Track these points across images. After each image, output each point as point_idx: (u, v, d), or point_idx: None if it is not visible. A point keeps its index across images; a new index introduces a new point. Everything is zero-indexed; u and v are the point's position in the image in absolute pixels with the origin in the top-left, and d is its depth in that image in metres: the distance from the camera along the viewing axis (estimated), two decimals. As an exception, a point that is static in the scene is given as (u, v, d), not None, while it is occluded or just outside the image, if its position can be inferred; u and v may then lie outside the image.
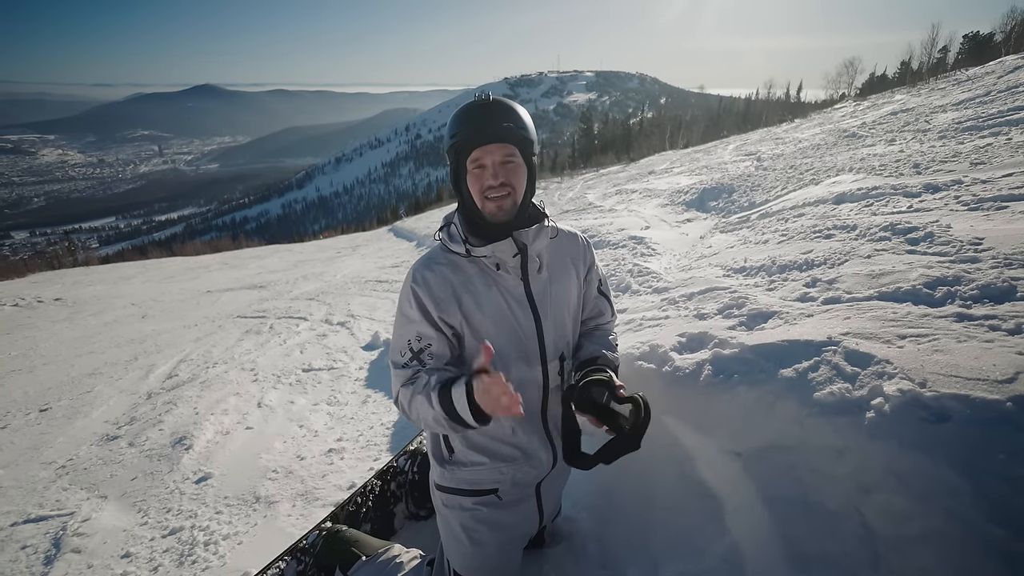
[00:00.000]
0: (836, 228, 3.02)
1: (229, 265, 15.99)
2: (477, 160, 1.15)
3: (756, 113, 43.83)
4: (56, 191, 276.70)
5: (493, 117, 1.14)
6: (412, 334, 1.21)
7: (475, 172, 1.16)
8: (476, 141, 1.14)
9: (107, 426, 3.62)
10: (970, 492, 1.09)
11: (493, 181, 1.15)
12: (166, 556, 2.13)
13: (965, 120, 5.99)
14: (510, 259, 1.20)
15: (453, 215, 1.28)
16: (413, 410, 1.18)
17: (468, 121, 1.16)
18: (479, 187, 1.16)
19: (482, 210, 1.19)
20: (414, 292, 1.22)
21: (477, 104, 1.17)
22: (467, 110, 1.18)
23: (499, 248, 1.19)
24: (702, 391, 1.73)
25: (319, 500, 2.40)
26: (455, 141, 1.17)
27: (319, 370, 4.27)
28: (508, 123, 1.14)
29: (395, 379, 1.23)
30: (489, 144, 1.14)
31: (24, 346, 6.57)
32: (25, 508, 2.63)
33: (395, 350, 1.24)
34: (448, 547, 1.39)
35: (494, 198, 1.16)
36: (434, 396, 1.12)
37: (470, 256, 1.21)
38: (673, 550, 1.57)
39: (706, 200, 6.24)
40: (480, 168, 1.16)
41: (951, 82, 13.88)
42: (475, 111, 1.16)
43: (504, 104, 1.18)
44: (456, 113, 1.20)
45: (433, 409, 1.12)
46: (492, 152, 1.14)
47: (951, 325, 1.58)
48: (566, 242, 1.35)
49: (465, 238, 1.21)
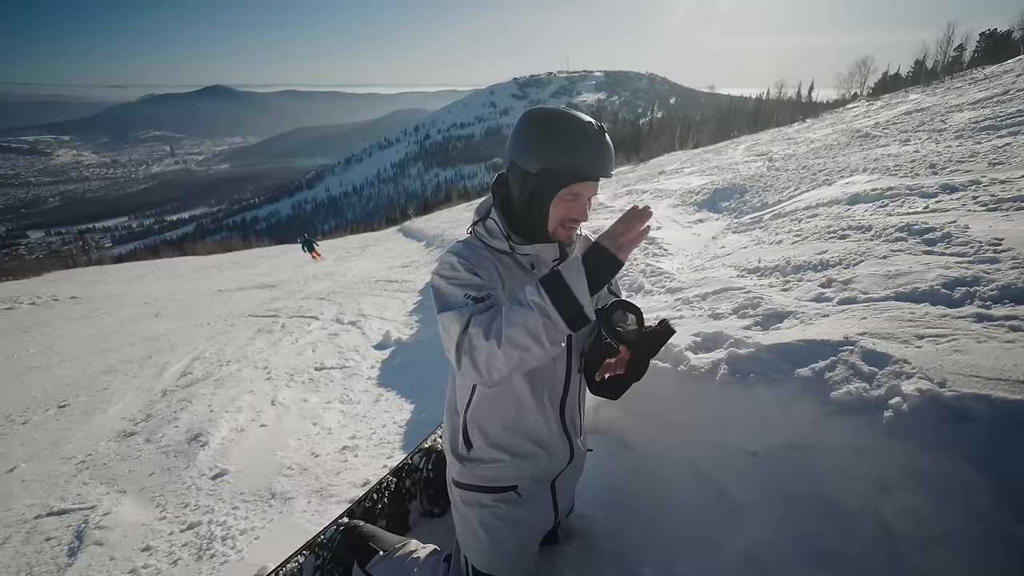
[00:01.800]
0: (851, 229, 3.00)
1: (240, 264, 16.16)
2: (577, 192, 1.11)
3: (767, 113, 43.52)
4: (71, 191, 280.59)
5: (610, 157, 1.10)
6: (469, 288, 1.09)
7: (567, 200, 1.12)
8: (592, 176, 1.10)
9: (124, 422, 3.68)
10: (992, 491, 1.09)
11: (582, 217, 1.15)
12: (185, 550, 2.16)
13: (982, 119, 5.92)
14: (549, 261, 1.22)
15: (489, 209, 1.22)
16: (493, 328, 0.98)
17: (590, 153, 1.08)
18: (564, 215, 1.14)
19: (553, 233, 1.17)
20: (461, 263, 1.13)
21: (595, 137, 1.08)
22: (589, 138, 1.07)
23: (544, 249, 1.19)
24: (718, 390, 1.73)
25: (334, 497, 2.42)
26: (571, 169, 1.08)
27: (331, 369, 4.31)
28: (613, 165, 1.12)
29: (456, 319, 1.04)
30: (594, 182, 1.13)
31: (42, 344, 6.69)
32: (48, 501, 2.68)
33: (449, 300, 1.08)
34: (466, 543, 1.40)
35: (570, 228, 1.16)
36: (530, 288, 0.99)
37: (510, 253, 1.21)
38: (688, 548, 1.57)
39: (718, 200, 6.21)
40: (574, 197, 1.12)
41: (967, 81, 13.70)
42: (595, 145, 1.07)
43: (609, 140, 1.11)
44: (567, 134, 1.07)
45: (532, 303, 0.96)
46: (593, 188, 1.13)
47: (970, 325, 1.57)
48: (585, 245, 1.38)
49: (508, 235, 1.19)
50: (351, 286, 8.46)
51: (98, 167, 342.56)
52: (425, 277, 8.13)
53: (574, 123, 1.07)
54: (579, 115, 1.09)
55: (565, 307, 0.95)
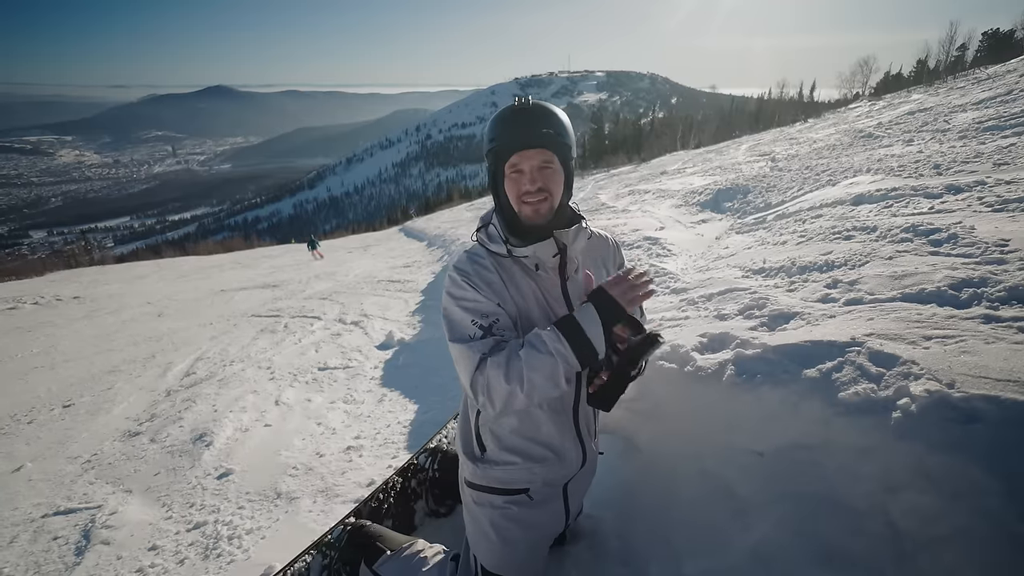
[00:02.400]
0: (856, 229, 3.01)
1: (242, 264, 16.18)
2: (515, 165, 1.15)
3: (769, 113, 43.47)
4: (73, 191, 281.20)
5: (532, 122, 1.14)
6: (474, 315, 1.14)
7: (513, 177, 1.17)
8: (515, 146, 1.14)
9: (129, 422, 3.69)
10: (1000, 491, 1.09)
11: (531, 187, 1.15)
12: (191, 549, 2.17)
13: (986, 119, 5.92)
14: (550, 259, 1.21)
15: (490, 215, 1.27)
16: (513, 372, 1.06)
17: (507, 126, 1.16)
18: (516, 192, 1.17)
19: (519, 214, 1.19)
20: (465, 281, 1.18)
21: (516, 109, 1.16)
22: (506, 115, 1.17)
23: (540, 248, 1.19)
24: (725, 391, 1.73)
25: (339, 496, 2.43)
26: (494, 146, 1.17)
27: (334, 369, 4.31)
28: (547, 129, 1.14)
29: (469, 355, 1.11)
30: (527, 150, 1.14)
31: (45, 343, 6.70)
32: (54, 500, 2.69)
33: (459, 330, 1.15)
34: (476, 544, 1.40)
35: (531, 202, 1.17)
36: (549, 335, 1.07)
37: (510, 256, 1.21)
38: (695, 547, 1.57)
39: (721, 201, 6.21)
40: (518, 173, 1.16)
41: (970, 80, 13.68)
42: (514, 116, 1.16)
43: (543, 109, 1.17)
44: (495, 117, 1.19)
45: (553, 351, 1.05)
46: (531, 157, 1.15)
47: (978, 326, 1.57)
48: (598, 243, 1.38)
49: (506, 238, 1.21)
50: (353, 286, 8.47)
51: (100, 167, 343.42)
52: (427, 277, 8.14)
53: (507, 106, 1.19)
54: (520, 98, 1.19)
55: (583, 354, 1.06)
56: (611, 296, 1.08)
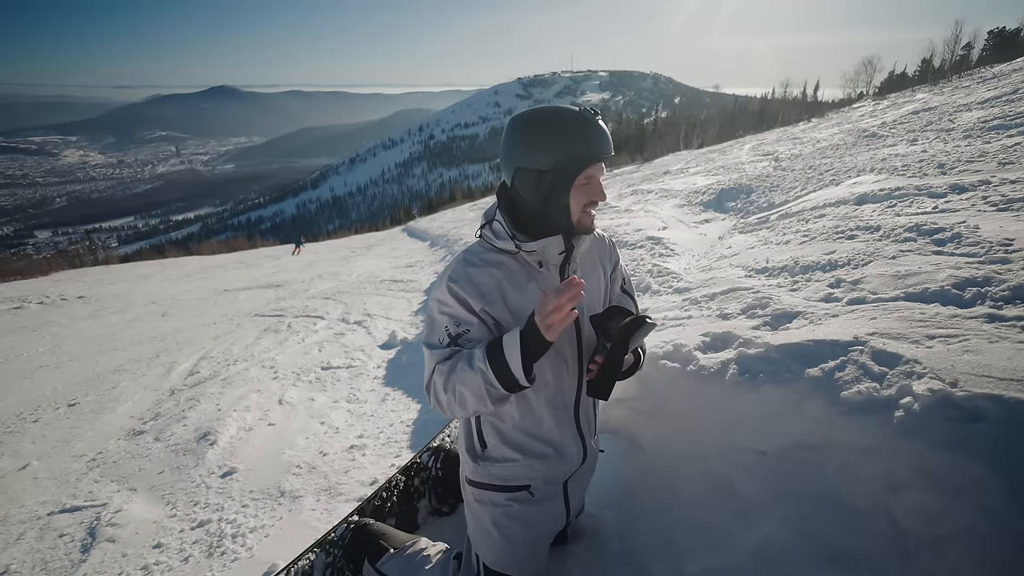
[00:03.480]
0: (859, 229, 3.00)
1: (245, 264, 16.24)
2: (591, 175, 1.15)
3: (772, 112, 43.34)
4: (77, 191, 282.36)
5: (606, 134, 1.15)
6: (449, 320, 1.18)
7: (583, 186, 1.16)
8: (596, 157, 1.14)
9: (133, 421, 3.71)
10: (1003, 489, 1.09)
11: (601, 197, 1.17)
12: (196, 547, 2.18)
13: (991, 119, 5.89)
14: (555, 256, 1.22)
15: (494, 212, 1.27)
16: (450, 384, 1.13)
17: (587, 136, 1.13)
18: (585, 201, 1.17)
19: (576, 223, 1.19)
20: (453, 289, 1.19)
21: (591, 120, 1.14)
22: (587, 123, 1.13)
23: (548, 244, 1.20)
24: (727, 390, 1.73)
25: (342, 495, 2.43)
26: (574, 155, 1.13)
27: (338, 368, 4.33)
28: (611, 143, 1.17)
29: (429, 360, 1.19)
30: (603, 160, 1.16)
31: (50, 343, 6.74)
32: (60, 498, 2.71)
33: (431, 335, 1.21)
34: (478, 542, 1.40)
35: (592, 213, 1.19)
36: (478, 353, 1.09)
37: (517, 252, 1.22)
38: (697, 547, 1.57)
39: (724, 200, 6.20)
40: (590, 182, 1.16)
41: (975, 79, 13.62)
42: (593, 128, 1.14)
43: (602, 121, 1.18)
44: (563, 126, 1.13)
45: (477, 368, 1.08)
46: (602, 169, 1.17)
47: (982, 326, 1.57)
48: (597, 243, 1.39)
49: (512, 234, 1.21)
50: (356, 286, 8.50)
51: (104, 167, 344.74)
52: (430, 276, 8.16)
53: (569, 114, 1.14)
54: (566, 107, 1.16)
55: (503, 377, 1.07)
56: (533, 323, 1.03)
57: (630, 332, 1.13)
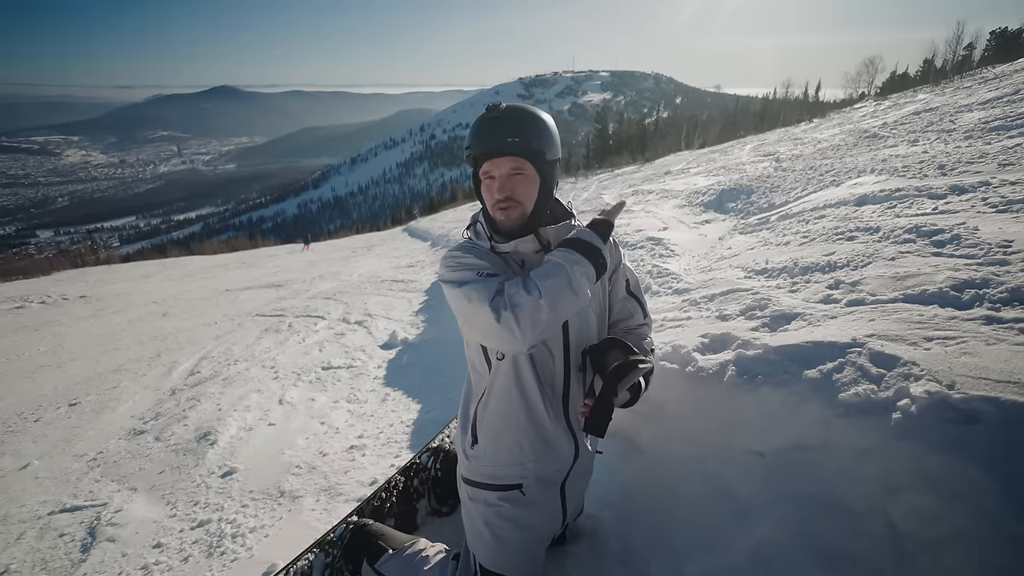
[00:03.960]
0: (858, 230, 3.00)
1: (246, 264, 16.25)
2: (487, 172, 1.20)
3: (773, 113, 43.24)
4: (79, 191, 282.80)
5: (501, 130, 1.16)
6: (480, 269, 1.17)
7: (486, 183, 1.22)
8: (485, 155, 1.18)
9: (134, 421, 3.71)
10: (1000, 492, 1.10)
11: (499, 195, 1.19)
12: (195, 547, 2.18)
13: (992, 120, 5.88)
14: (533, 255, 1.25)
15: (479, 214, 1.33)
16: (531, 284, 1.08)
17: (478, 133, 1.18)
18: (490, 198, 1.22)
19: (494, 218, 1.23)
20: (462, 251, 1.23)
21: (488, 116, 1.18)
22: (479, 122, 1.20)
23: (522, 243, 1.23)
24: (725, 392, 1.73)
25: (342, 495, 2.44)
26: (468, 153, 1.22)
27: (338, 368, 4.33)
28: (514, 137, 1.15)
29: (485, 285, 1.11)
30: (498, 158, 1.17)
31: (52, 342, 6.75)
32: (60, 498, 2.72)
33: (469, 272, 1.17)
34: (474, 542, 1.41)
35: (502, 209, 1.20)
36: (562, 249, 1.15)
37: (495, 252, 1.26)
38: (696, 548, 1.57)
39: (724, 201, 6.20)
40: (490, 180, 1.20)
41: (977, 80, 13.59)
42: (486, 124, 1.18)
43: (516, 115, 1.17)
44: (473, 123, 1.21)
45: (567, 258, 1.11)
46: (500, 165, 1.18)
47: (980, 328, 1.57)
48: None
49: (490, 235, 1.26)
50: (357, 286, 8.50)
51: (106, 167, 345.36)
52: (431, 276, 8.15)
53: (482, 114, 1.20)
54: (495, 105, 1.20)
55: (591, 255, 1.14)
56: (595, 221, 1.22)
57: (620, 376, 1.13)
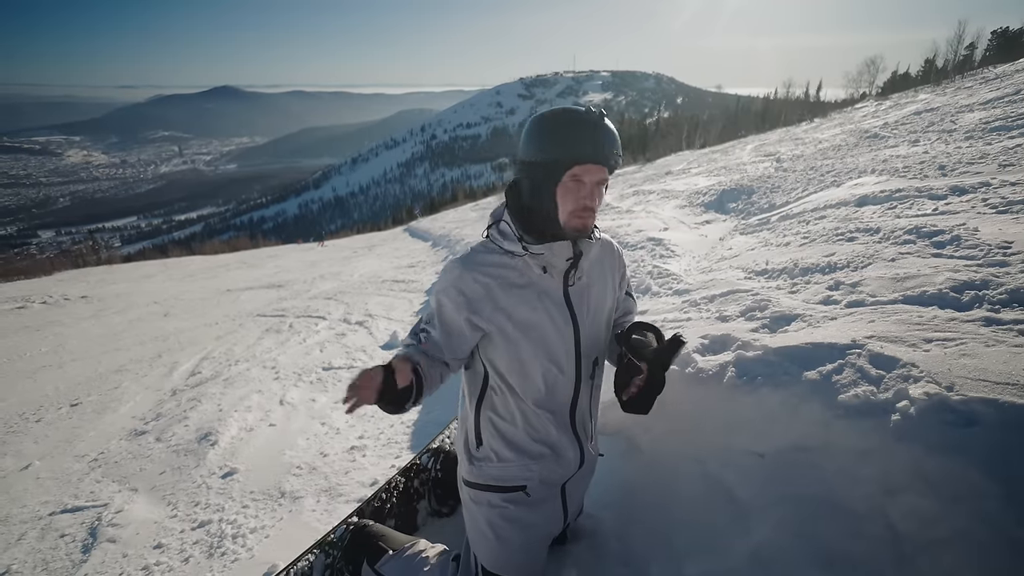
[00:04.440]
0: (859, 231, 3.00)
1: (247, 264, 16.25)
2: (578, 176, 1.12)
3: (775, 113, 43.20)
4: (80, 191, 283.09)
5: (609, 140, 1.11)
6: (427, 314, 1.31)
7: (570, 186, 1.13)
8: (587, 158, 1.10)
9: (135, 421, 3.72)
10: (999, 494, 1.10)
11: (590, 202, 1.14)
12: (196, 548, 2.19)
13: (993, 120, 5.88)
14: (562, 262, 1.20)
15: (502, 213, 1.25)
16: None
17: (582, 135, 1.10)
18: (573, 203, 1.14)
19: (565, 224, 1.16)
20: (441, 298, 1.25)
21: (592, 120, 1.11)
22: (581, 123, 1.11)
23: (556, 248, 1.18)
24: (725, 393, 1.74)
25: (343, 496, 2.44)
26: (563, 151, 1.11)
27: (339, 369, 4.34)
28: (618, 151, 1.13)
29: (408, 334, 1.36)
30: (596, 165, 1.12)
31: (53, 343, 6.76)
32: (61, 499, 2.72)
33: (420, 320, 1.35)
34: (475, 543, 1.41)
35: (583, 217, 1.15)
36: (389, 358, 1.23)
37: (524, 255, 1.19)
38: (695, 549, 1.57)
39: (725, 201, 6.20)
40: (578, 184, 1.13)
41: (978, 80, 13.58)
42: (591, 128, 1.10)
43: (612, 126, 1.13)
44: (560, 120, 1.12)
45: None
46: (595, 173, 1.12)
47: (979, 329, 1.57)
48: (604, 249, 1.35)
49: (520, 236, 1.20)
50: (358, 286, 8.51)
51: (108, 167, 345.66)
52: (431, 277, 8.16)
53: (572, 112, 1.13)
54: (579, 107, 1.14)
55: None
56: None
57: (669, 356, 1.15)
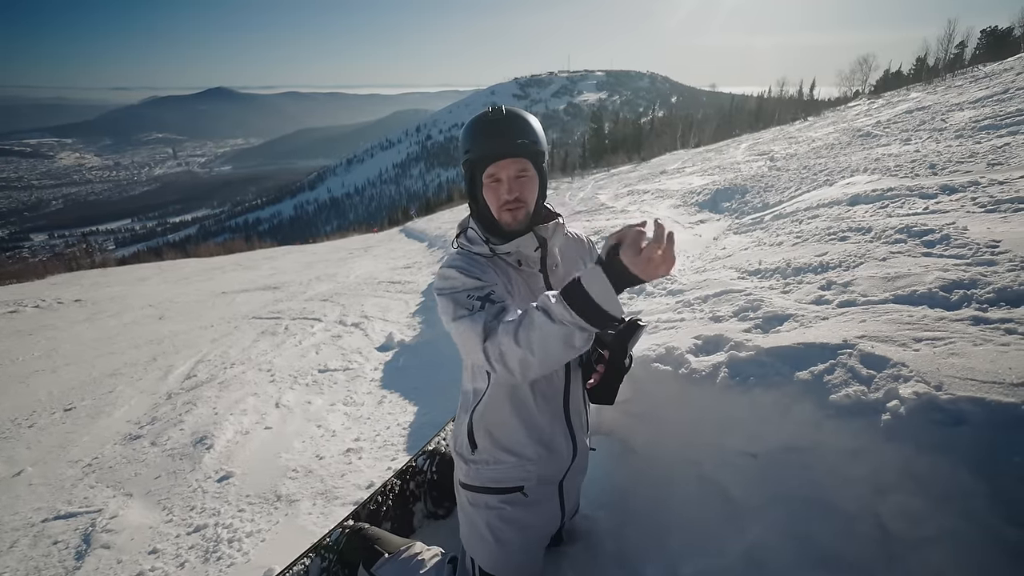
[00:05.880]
0: (851, 230, 3.02)
1: (243, 266, 16.17)
2: (493, 175, 1.19)
3: (768, 111, 43.41)
4: (73, 194, 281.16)
5: (507, 133, 1.17)
6: (470, 290, 1.13)
7: (491, 186, 1.20)
8: (491, 157, 1.18)
9: (129, 425, 3.70)
10: (986, 494, 1.11)
11: (508, 196, 1.19)
12: (192, 553, 2.18)
13: (982, 119, 5.93)
14: (532, 253, 1.26)
15: (468, 220, 1.32)
16: (522, 339, 0.99)
17: (483, 136, 1.18)
18: (496, 201, 1.21)
19: (499, 220, 1.23)
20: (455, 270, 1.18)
21: (491, 119, 1.19)
22: (481, 124, 1.19)
23: (522, 243, 1.23)
24: (718, 393, 1.75)
25: (339, 499, 2.44)
26: (470, 156, 1.20)
27: (335, 371, 4.33)
28: (522, 139, 1.17)
29: (474, 326, 1.06)
30: (504, 160, 1.17)
31: (46, 347, 6.71)
32: (54, 505, 2.71)
33: (458, 307, 1.11)
34: (472, 545, 1.41)
35: (510, 210, 1.21)
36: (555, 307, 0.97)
37: (493, 256, 1.25)
38: (690, 549, 1.58)
39: (719, 201, 6.22)
40: (496, 182, 1.19)
41: (968, 79, 13.68)
42: (489, 126, 1.18)
43: (517, 117, 1.19)
44: (469, 126, 1.21)
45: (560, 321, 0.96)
46: (507, 167, 1.18)
47: (967, 328, 1.58)
48: (575, 244, 1.44)
49: (486, 239, 1.25)
50: (354, 287, 8.48)
51: (101, 169, 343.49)
52: (428, 278, 8.15)
53: (476, 117, 1.21)
54: (488, 108, 1.21)
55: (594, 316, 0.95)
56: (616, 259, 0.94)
57: (627, 338, 1.16)
